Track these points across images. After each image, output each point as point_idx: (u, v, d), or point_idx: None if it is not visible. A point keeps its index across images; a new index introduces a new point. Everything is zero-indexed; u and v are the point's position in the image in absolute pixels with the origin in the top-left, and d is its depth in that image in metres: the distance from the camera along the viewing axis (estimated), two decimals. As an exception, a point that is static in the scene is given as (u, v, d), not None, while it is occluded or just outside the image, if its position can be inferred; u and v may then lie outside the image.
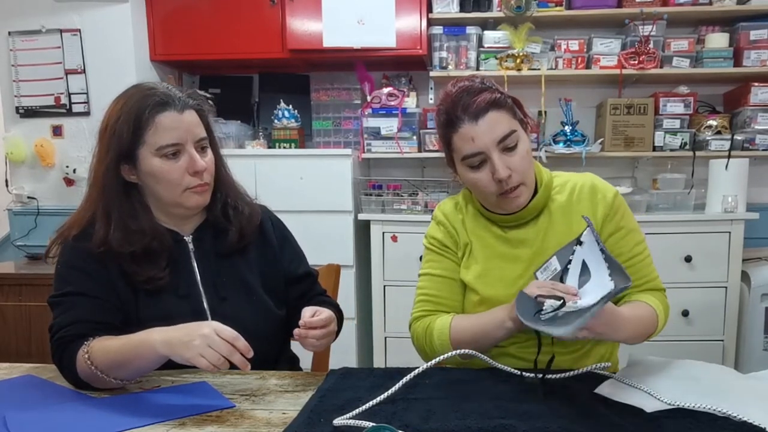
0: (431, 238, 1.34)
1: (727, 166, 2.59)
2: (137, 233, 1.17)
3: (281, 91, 3.11)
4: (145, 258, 1.18)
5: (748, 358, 2.55)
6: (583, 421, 0.89)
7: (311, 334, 1.15)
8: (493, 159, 1.15)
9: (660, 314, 1.20)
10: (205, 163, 1.20)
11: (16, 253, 3.03)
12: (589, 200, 1.25)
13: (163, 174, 1.17)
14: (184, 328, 1.03)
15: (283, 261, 1.37)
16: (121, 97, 1.20)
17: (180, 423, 0.96)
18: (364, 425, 0.87)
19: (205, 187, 1.22)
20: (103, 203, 1.18)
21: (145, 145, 1.16)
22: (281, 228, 1.42)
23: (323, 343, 1.18)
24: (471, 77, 1.22)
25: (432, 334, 1.25)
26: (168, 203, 1.22)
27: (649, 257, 1.27)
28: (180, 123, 1.17)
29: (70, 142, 2.92)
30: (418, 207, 2.79)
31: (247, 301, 1.27)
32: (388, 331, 2.72)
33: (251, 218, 1.31)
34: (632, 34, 2.70)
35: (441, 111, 1.21)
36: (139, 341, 1.05)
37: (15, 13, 2.86)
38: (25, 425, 0.95)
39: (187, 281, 1.24)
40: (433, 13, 2.77)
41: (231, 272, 1.28)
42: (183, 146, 1.17)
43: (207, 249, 1.27)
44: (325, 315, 1.17)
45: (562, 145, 2.78)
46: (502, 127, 1.16)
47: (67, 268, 1.18)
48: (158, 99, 1.16)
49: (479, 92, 1.17)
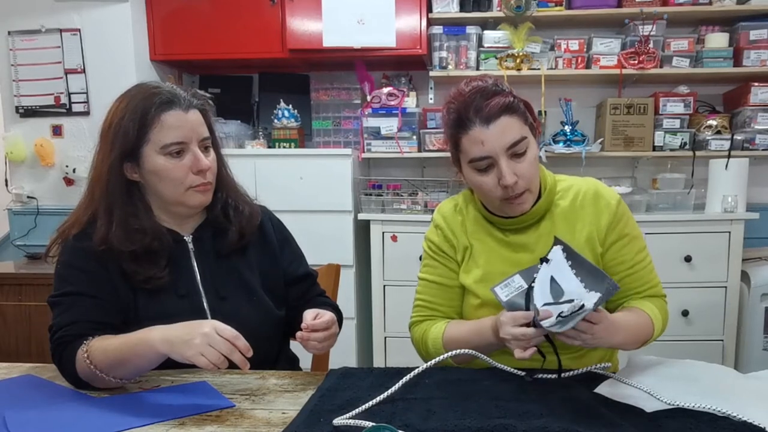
0: (429, 241, 1.34)
1: (727, 165, 2.59)
2: (138, 232, 1.17)
3: (281, 90, 3.11)
4: (145, 257, 1.18)
5: (748, 358, 2.55)
6: (583, 421, 0.89)
7: (314, 336, 1.15)
8: (500, 165, 1.14)
9: (656, 321, 1.19)
10: (208, 162, 1.20)
11: (16, 252, 3.03)
12: (593, 207, 1.25)
13: (167, 172, 1.17)
14: (184, 326, 1.03)
15: (282, 261, 1.37)
16: (124, 95, 1.20)
17: (180, 423, 0.96)
18: (363, 425, 0.87)
19: (208, 186, 1.23)
20: (106, 201, 1.18)
21: (149, 143, 1.16)
22: (281, 228, 1.42)
23: (325, 346, 1.18)
24: (483, 77, 1.20)
25: (427, 343, 1.27)
26: (170, 202, 1.22)
27: (650, 264, 1.27)
28: (185, 122, 1.17)
29: (69, 141, 2.92)
30: (418, 207, 2.79)
31: (247, 301, 1.27)
32: (387, 330, 2.72)
33: (251, 218, 1.31)
34: (632, 34, 2.70)
35: (452, 110, 1.19)
36: (138, 339, 1.05)
37: (15, 12, 2.86)
38: (25, 425, 0.95)
39: (187, 281, 1.24)
40: (433, 13, 2.77)
41: (231, 272, 1.28)
42: (187, 145, 1.18)
43: (207, 249, 1.27)
44: (327, 317, 1.18)
45: (562, 144, 2.78)
46: (513, 133, 1.14)
47: (67, 268, 1.18)
48: (164, 97, 1.17)
49: (493, 95, 1.15)
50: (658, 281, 1.28)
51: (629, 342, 1.14)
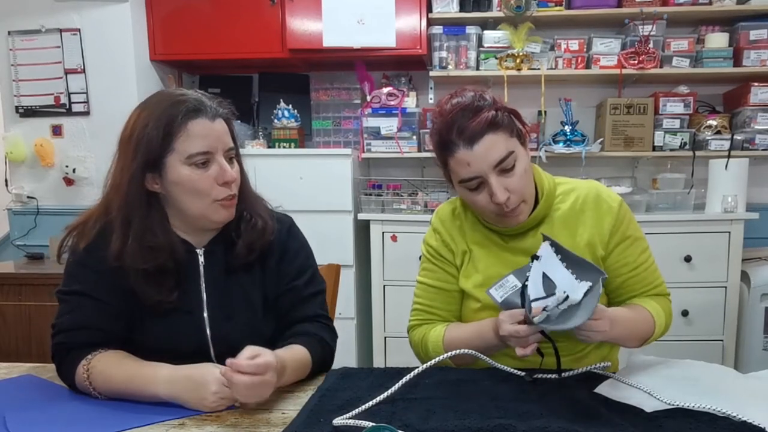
0: (428, 245, 1.34)
1: (727, 166, 2.59)
2: (153, 250, 1.12)
3: (281, 90, 3.11)
4: (156, 277, 1.13)
5: (748, 358, 2.55)
6: (583, 421, 0.89)
7: (235, 379, 0.95)
8: (490, 183, 1.12)
9: (658, 319, 1.20)
10: (234, 174, 1.16)
11: (15, 252, 3.03)
12: (594, 210, 1.24)
13: (192, 183, 1.11)
14: (190, 382, 1.01)
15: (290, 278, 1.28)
16: (147, 103, 1.14)
17: (180, 423, 0.96)
18: (363, 425, 0.87)
19: (234, 201, 1.18)
20: (124, 213, 1.12)
21: (174, 153, 1.10)
22: (295, 245, 1.31)
23: (252, 395, 0.98)
24: (464, 91, 1.17)
25: (427, 346, 1.27)
26: (193, 215, 1.16)
27: (654, 264, 1.27)
28: (211, 131, 1.12)
29: (69, 141, 2.91)
30: (418, 207, 2.79)
31: (250, 321, 1.22)
32: (387, 330, 2.72)
33: (263, 233, 1.23)
34: (632, 34, 2.70)
35: (434, 132, 1.17)
36: (144, 385, 1.04)
37: (15, 12, 2.86)
38: (25, 425, 0.95)
39: (193, 298, 1.19)
40: (432, 13, 2.77)
41: (237, 289, 1.23)
42: (213, 155, 1.13)
43: (217, 263, 1.22)
44: (261, 361, 0.96)
45: (562, 144, 2.78)
46: (499, 150, 1.11)
47: (79, 266, 1.15)
48: (191, 105, 1.11)
49: (474, 113, 1.11)
50: (662, 281, 1.28)
51: (627, 337, 1.15)
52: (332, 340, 1.26)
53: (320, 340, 1.21)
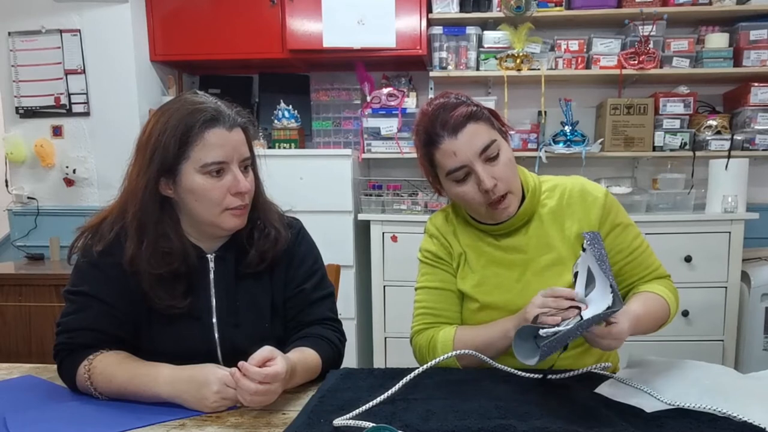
0: (425, 251, 1.34)
1: (727, 166, 2.59)
2: (167, 255, 1.13)
3: (281, 91, 3.11)
4: (169, 281, 1.14)
5: (748, 358, 2.55)
6: (583, 421, 0.89)
7: (242, 383, 0.96)
8: (477, 170, 1.15)
9: (670, 301, 1.23)
10: (248, 184, 1.16)
11: (16, 253, 3.04)
12: (580, 204, 1.25)
13: (204, 192, 1.12)
14: (193, 383, 1.01)
15: (298, 281, 1.28)
16: (166, 109, 1.14)
17: (180, 423, 0.96)
18: (364, 425, 0.87)
19: (245, 210, 1.18)
20: (139, 218, 1.13)
21: (189, 161, 1.11)
22: (304, 249, 1.31)
23: (257, 400, 0.97)
24: (445, 93, 1.23)
25: (436, 347, 1.24)
26: (204, 222, 1.17)
27: (649, 248, 1.29)
28: (227, 140, 1.13)
29: (70, 142, 2.91)
30: (418, 207, 2.79)
31: (258, 329, 1.22)
32: (388, 331, 2.72)
33: (276, 243, 1.23)
34: (632, 34, 2.70)
35: (420, 131, 1.21)
36: (145, 385, 1.04)
37: (15, 13, 2.86)
38: (25, 425, 0.95)
39: (202, 304, 1.19)
40: (432, 13, 2.77)
41: (246, 296, 1.23)
42: (228, 165, 1.13)
43: (228, 269, 1.22)
44: (271, 371, 0.97)
45: (562, 145, 2.78)
46: (482, 138, 1.16)
47: (90, 267, 1.15)
48: (208, 114, 1.11)
49: (455, 107, 1.16)
50: (660, 263, 1.29)
51: (651, 329, 1.18)
52: (341, 343, 1.28)
53: (330, 343, 1.23)
